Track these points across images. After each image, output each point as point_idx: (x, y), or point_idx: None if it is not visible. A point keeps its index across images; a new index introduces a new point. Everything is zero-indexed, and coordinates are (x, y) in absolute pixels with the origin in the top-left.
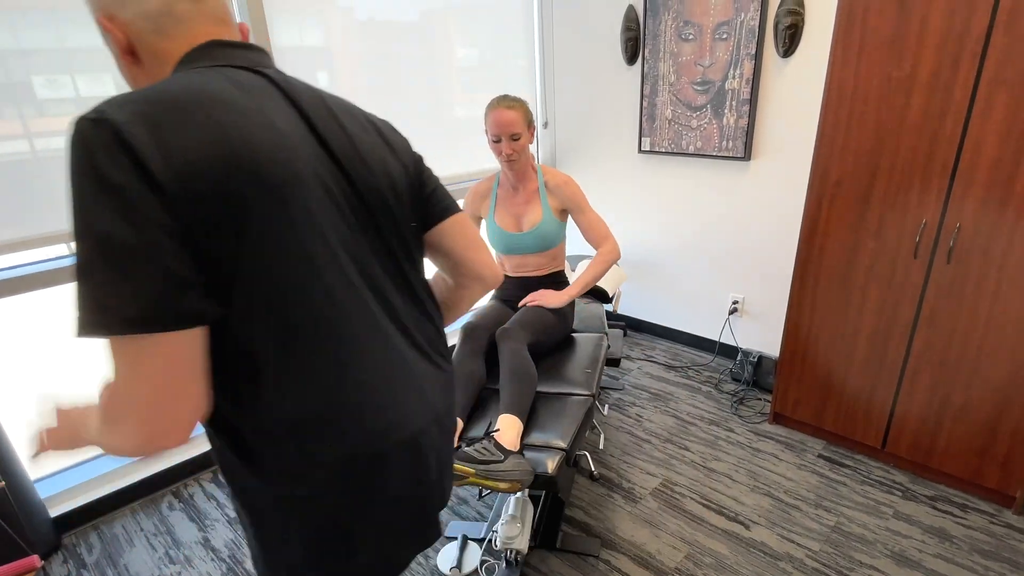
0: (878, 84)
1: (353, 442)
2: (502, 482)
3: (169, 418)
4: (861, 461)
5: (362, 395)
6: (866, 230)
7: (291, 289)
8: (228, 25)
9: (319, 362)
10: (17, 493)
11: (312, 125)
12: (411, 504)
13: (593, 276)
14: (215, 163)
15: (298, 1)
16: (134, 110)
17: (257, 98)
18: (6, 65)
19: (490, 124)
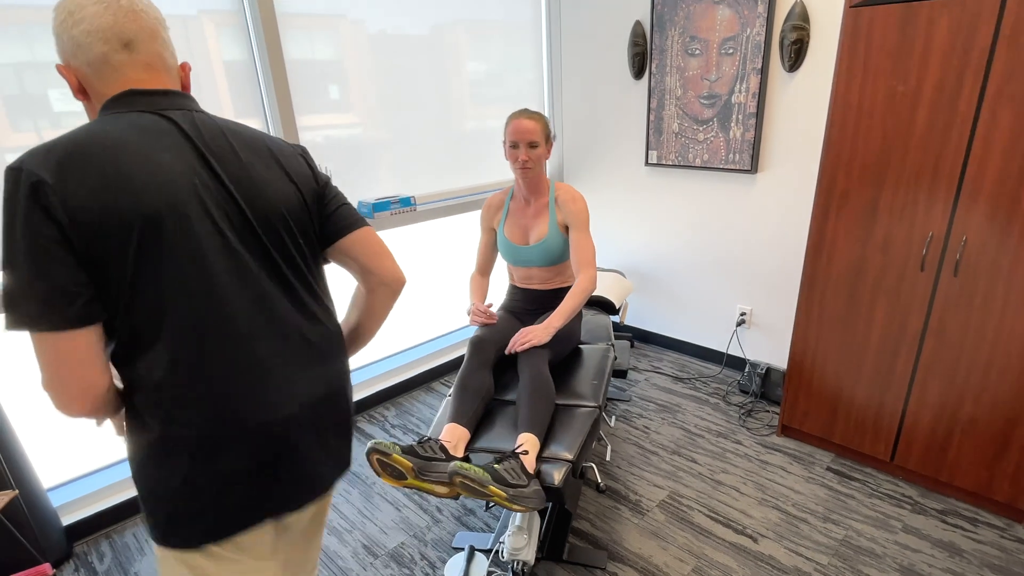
0: (883, 98)
1: (209, 419)
2: (519, 506)
3: (68, 394)
4: (870, 474)
5: (221, 384)
6: (873, 242)
7: (171, 296)
8: (158, 71)
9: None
10: (30, 501)
11: (206, 159)
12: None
13: (572, 308)
14: (99, 203)
15: (311, 16)
16: (48, 160)
17: (151, 140)
18: (22, 78)
19: (509, 131)
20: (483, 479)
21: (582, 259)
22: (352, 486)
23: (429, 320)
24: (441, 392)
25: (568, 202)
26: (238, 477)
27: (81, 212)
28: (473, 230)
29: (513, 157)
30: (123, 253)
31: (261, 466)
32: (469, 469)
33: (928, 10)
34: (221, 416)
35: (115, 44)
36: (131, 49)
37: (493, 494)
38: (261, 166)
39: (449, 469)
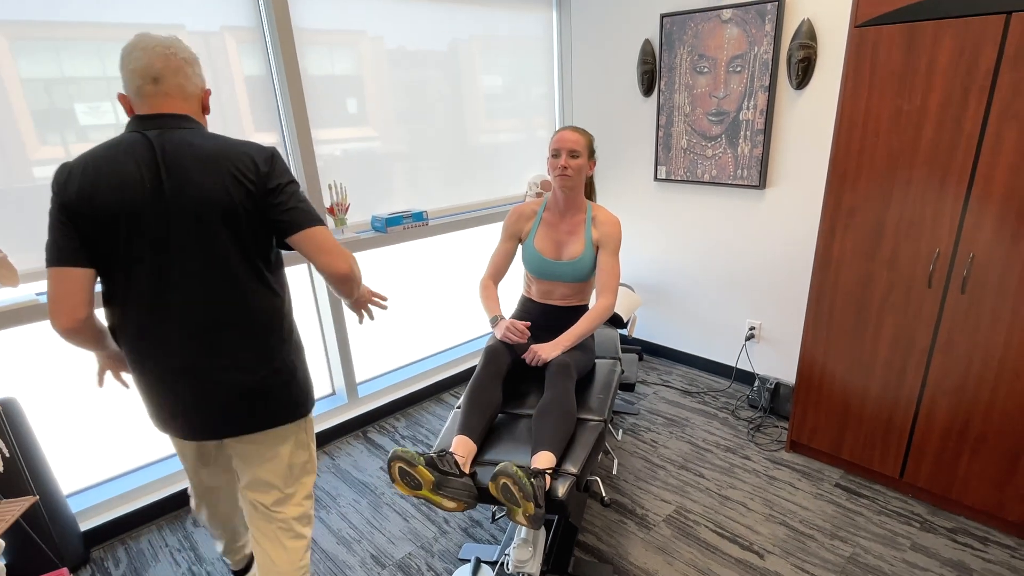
0: (888, 116)
1: (150, 361)
2: (533, 525)
3: (57, 311)
4: (879, 491)
5: (147, 340)
6: (880, 258)
7: (121, 273)
8: (174, 99)
9: (137, 315)
10: (50, 507)
11: (159, 169)
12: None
13: (586, 330)
14: (81, 197)
15: (332, 32)
16: (66, 168)
17: (125, 154)
18: (51, 93)
19: (554, 141)
20: (528, 493)
21: (608, 284)
22: (361, 496)
23: (439, 332)
24: (450, 403)
25: (606, 224)
26: (163, 402)
27: (74, 205)
28: (484, 244)
29: (553, 166)
30: (106, 234)
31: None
32: (522, 478)
33: (933, 30)
34: (150, 368)
35: (147, 79)
36: (157, 83)
37: (524, 508)
38: (200, 173)
39: (499, 468)
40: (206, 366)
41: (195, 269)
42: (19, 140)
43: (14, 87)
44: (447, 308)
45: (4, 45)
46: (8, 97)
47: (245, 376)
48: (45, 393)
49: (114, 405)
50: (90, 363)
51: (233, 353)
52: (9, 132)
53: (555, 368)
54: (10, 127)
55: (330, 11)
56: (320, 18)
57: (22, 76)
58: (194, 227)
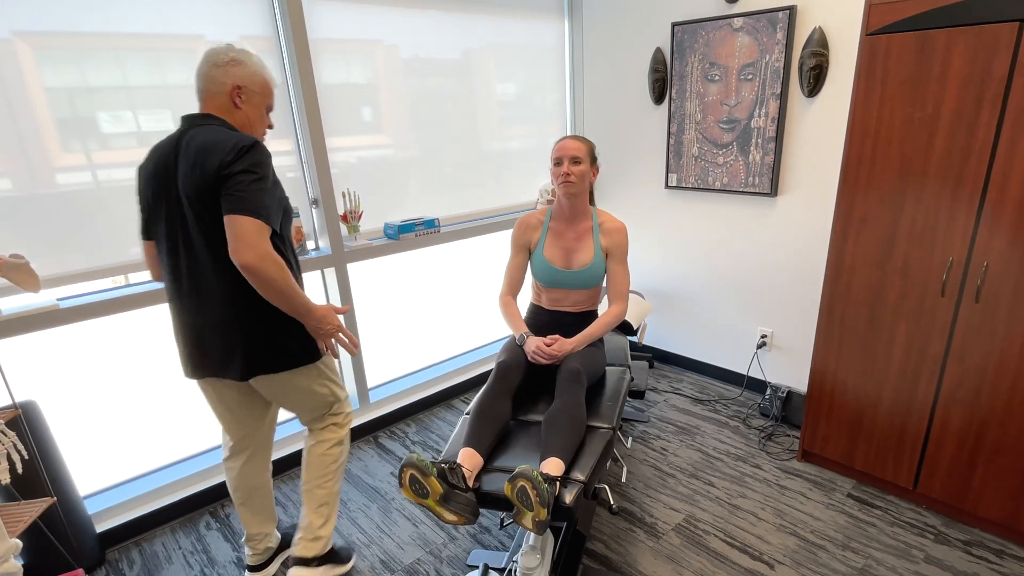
0: (900, 124)
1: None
2: (540, 531)
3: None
4: (892, 502)
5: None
6: (892, 266)
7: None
8: (204, 101)
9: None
10: (67, 508)
11: (177, 160)
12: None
13: (595, 335)
14: (141, 187)
15: (347, 41)
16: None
17: (165, 146)
18: (74, 102)
19: (556, 149)
20: (545, 499)
21: (619, 291)
22: (371, 501)
23: (450, 338)
24: (460, 410)
25: (614, 231)
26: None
27: (140, 191)
28: (496, 251)
29: (556, 174)
30: (148, 214)
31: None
32: (541, 483)
33: (945, 38)
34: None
35: (199, 85)
36: (197, 89)
37: (536, 513)
38: (188, 164)
39: (519, 470)
40: (199, 322)
41: (174, 246)
42: (43, 148)
43: (38, 96)
44: (458, 314)
45: (29, 55)
46: (32, 106)
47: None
48: (64, 396)
49: (128, 409)
50: (104, 367)
51: (211, 314)
52: (33, 140)
53: (566, 374)
54: (34, 135)
55: (345, 21)
56: (335, 27)
57: (46, 85)
58: (179, 210)
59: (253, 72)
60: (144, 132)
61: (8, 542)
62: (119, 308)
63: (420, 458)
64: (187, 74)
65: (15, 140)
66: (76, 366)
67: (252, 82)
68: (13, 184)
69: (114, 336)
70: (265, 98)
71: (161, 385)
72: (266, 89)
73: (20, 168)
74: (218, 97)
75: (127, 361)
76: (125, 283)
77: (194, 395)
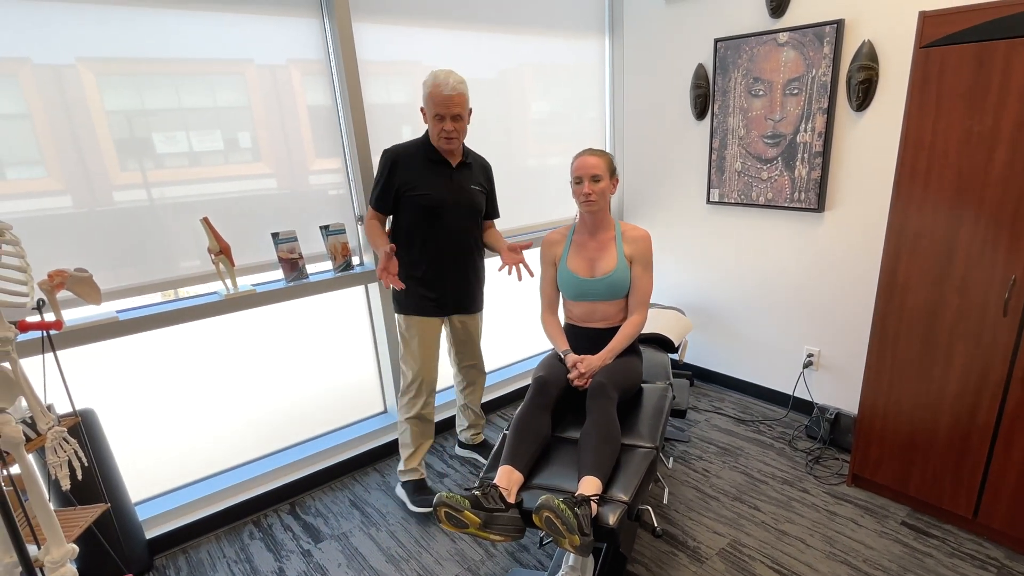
0: (957, 138)
1: None
2: (581, 554)
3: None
4: (950, 531)
5: None
6: (950, 285)
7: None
8: None
9: None
10: (119, 515)
11: None
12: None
13: (620, 344)
14: None
15: (389, 63)
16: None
17: None
18: (132, 124)
19: (574, 168)
20: (572, 526)
21: (641, 299)
22: (410, 514)
23: (487, 354)
24: (498, 424)
25: (637, 239)
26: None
27: None
28: (533, 265)
29: (577, 192)
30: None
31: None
32: (565, 511)
33: (1004, 49)
34: None
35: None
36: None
37: (569, 540)
38: None
39: (541, 502)
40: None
41: None
42: (103, 167)
43: (100, 118)
44: (496, 329)
45: (92, 80)
46: (94, 128)
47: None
48: (119, 405)
49: (176, 419)
50: (158, 376)
51: None
52: (95, 160)
53: (592, 390)
54: (96, 155)
55: (389, 43)
56: (380, 50)
57: (107, 108)
58: None
59: (426, 91)
60: (196, 152)
61: (65, 547)
62: (173, 321)
63: (450, 495)
64: (237, 96)
65: (77, 160)
66: (131, 376)
67: (425, 99)
68: (74, 201)
69: (163, 348)
70: (433, 108)
71: (208, 396)
72: (432, 100)
73: (81, 186)
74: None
75: (177, 373)
76: (175, 297)
77: (240, 406)
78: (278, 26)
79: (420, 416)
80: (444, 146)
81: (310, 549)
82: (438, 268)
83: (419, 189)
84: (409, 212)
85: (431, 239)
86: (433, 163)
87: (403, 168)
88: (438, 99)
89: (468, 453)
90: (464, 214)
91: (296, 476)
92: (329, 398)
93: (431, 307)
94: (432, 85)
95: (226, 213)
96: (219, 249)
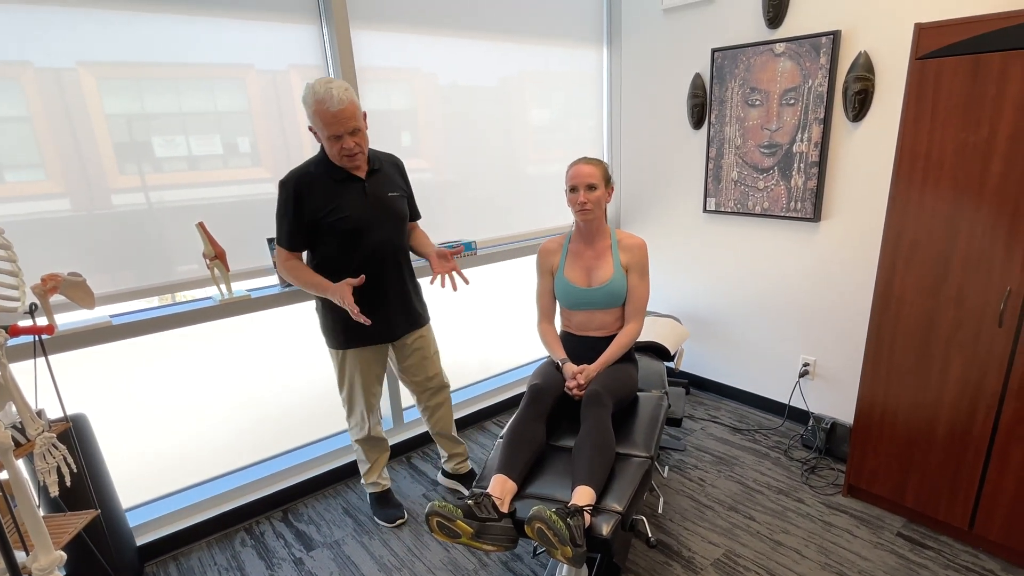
0: (953, 149)
1: None
2: (574, 566)
3: None
4: (945, 543)
5: None
6: (945, 295)
7: None
8: None
9: None
10: (109, 521)
11: None
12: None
13: (616, 353)
14: None
15: (388, 69)
16: None
17: None
18: (132, 127)
19: (569, 176)
20: (563, 537)
21: (638, 307)
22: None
23: (482, 361)
24: (492, 432)
25: (634, 247)
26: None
27: None
28: (530, 273)
29: (572, 200)
30: None
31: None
32: (556, 523)
33: (1000, 62)
34: None
35: None
36: None
37: (561, 551)
38: None
39: (532, 512)
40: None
41: None
42: (101, 170)
43: (99, 122)
44: (491, 337)
45: (92, 84)
46: (94, 131)
47: None
48: (113, 410)
49: (168, 424)
50: (151, 381)
51: None
52: (93, 163)
53: (587, 398)
54: (94, 158)
55: (388, 49)
56: (379, 57)
57: (107, 112)
58: None
59: (312, 111)
60: (195, 156)
61: (53, 554)
62: (167, 325)
63: (443, 504)
64: (236, 101)
65: (77, 163)
66: (124, 381)
67: (312, 119)
68: (72, 204)
69: (157, 353)
70: (325, 129)
71: (201, 402)
72: (322, 120)
73: (80, 189)
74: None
75: (171, 378)
76: (172, 302)
77: (233, 412)
78: (278, 32)
79: (369, 437)
80: (348, 164)
81: (302, 557)
82: (376, 291)
83: (335, 213)
84: (330, 240)
85: (361, 262)
86: (340, 182)
87: (308, 197)
88: (327, 118)
89: (452, 483)
90: (390, 228)
91: (289, 483)
92: (323, 404)
93: (379, 334)
94: (315, 103)
95: (223, 217)
96: (214, 254)
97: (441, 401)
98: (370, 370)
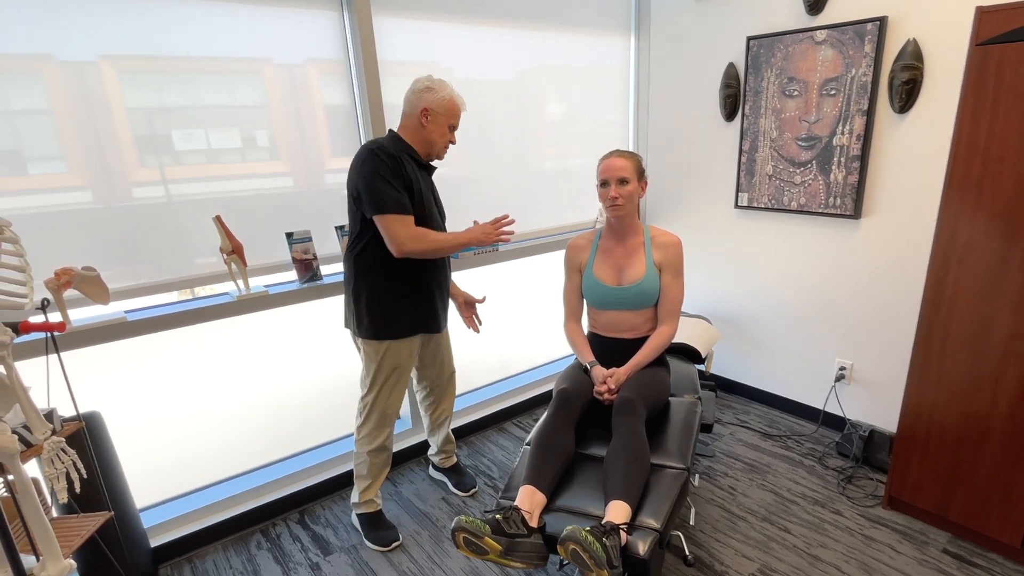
0: (1016, 142)
1: None
2: None
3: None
4: (995, 561)
5: None
6: (1002, 301)
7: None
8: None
9: None
10: (123, 522)
11: None
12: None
13: (648, 356)
14: None
15: (407, 63)
16: None
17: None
18: (152, 121)
19: (600, 170)
20: (600, 560)
21: (672, 308)
22: (423, 527)
23: (503, 360)
24: (513, 433)
25: (668, 245)
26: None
27: None
28: (552, 270)
29: (603, 195)
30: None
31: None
32: (592, 544)
33: None
34: None
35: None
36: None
37: (596, 574)
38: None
39: (566, 533)
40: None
41: None
42: (122, 163)
43: (120, 115)
44: (513, 335)
45: (113, 77)
46: (114, 125)
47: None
48: (128, 408)
49: (186, 423)
50: (167, 379)
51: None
52: (114, 156)
53: (618, 406)
54: (115, 152)
55: (409, 41)
56: (400, 49)
57: (127, 105)
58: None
59: (441, 97)
60: (214, 149)
61: (62, 563)
62: (183, 322)
63: (470, 519)
64: (256, 94)
65: (97, 156)
66: (138, 379)
67: (439, 106)
68: (94, 196)
69: (172, 350)
70: (448, 118)
71: (217, 399)
72: (450, 111)
73: (100, 182)
74: (405, 118)
75: (186, 375)
76: (191, 296)
77: (249, 411)
78: (297, 22)
79: (383, 447)
80: (442, 155)
81: (319, 562)
82: (432, 281)
83: (417, 193)
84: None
85: None
86: (422, 168)
87: (404, 168)
88: (457, 112)
89: (440, 476)
90: (441, 221)
91: (307, 484)
92: (342, 403)
93: (431, 323)
94: (451, 94)
95: (241, 212)
96: (231, 248)
97: (450, 389)
98: (409, 364)
